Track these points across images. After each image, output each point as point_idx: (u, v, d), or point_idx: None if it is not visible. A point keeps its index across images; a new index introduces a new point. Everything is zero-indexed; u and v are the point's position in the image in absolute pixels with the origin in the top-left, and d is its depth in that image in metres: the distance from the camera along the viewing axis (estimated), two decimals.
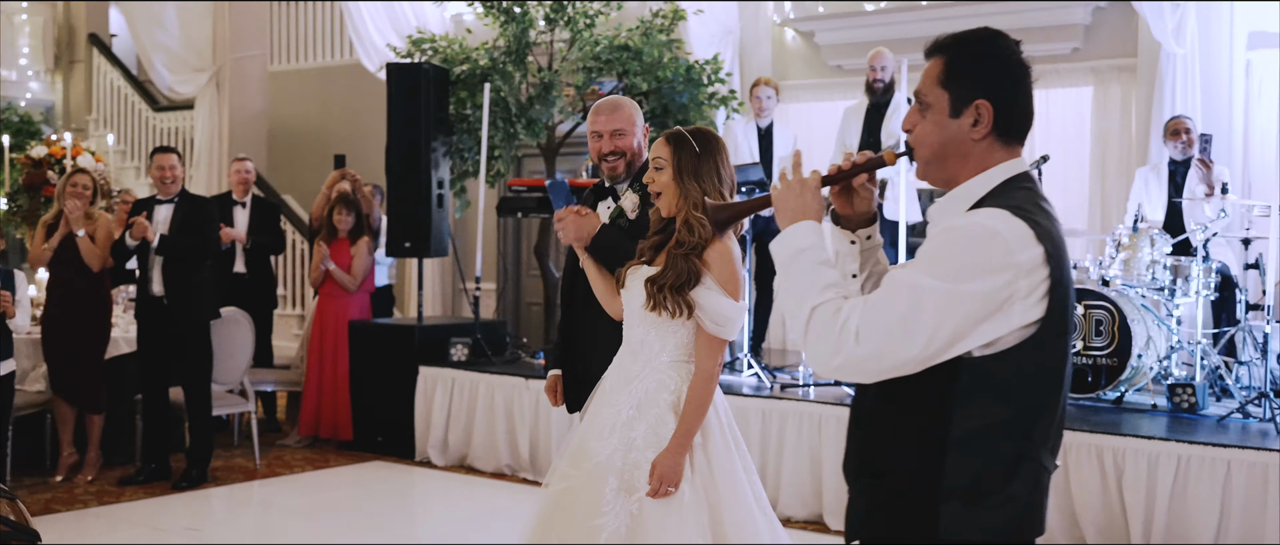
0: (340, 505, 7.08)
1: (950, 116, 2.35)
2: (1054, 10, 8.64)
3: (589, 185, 7.91)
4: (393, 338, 8.38)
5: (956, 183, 2.39)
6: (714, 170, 3.61)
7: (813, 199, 2.47)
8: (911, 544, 2.35)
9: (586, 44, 9.01)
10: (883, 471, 2.39)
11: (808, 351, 2.35)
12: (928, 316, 2.21)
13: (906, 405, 2.33)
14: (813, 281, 2.36)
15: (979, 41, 2.40)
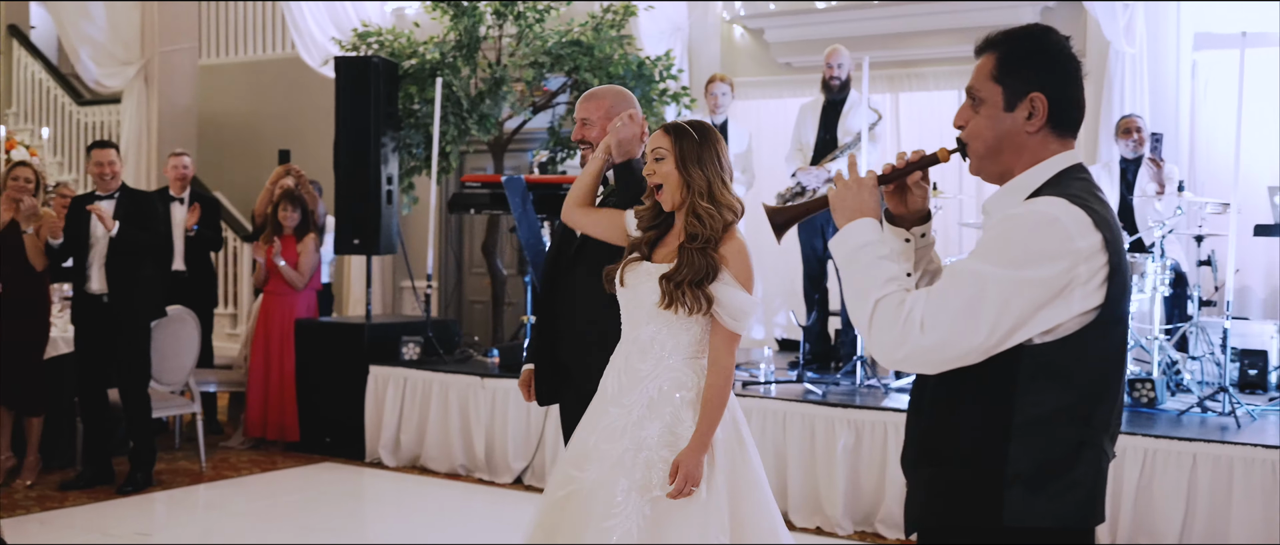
0: (292, 508, 6.92)
1: (1005, 110, 2.38)
2: (1002, 10, 8.68)
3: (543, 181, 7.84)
4: (341, 337, 8.21)
5: (1011, 176, 2.41)
6: (715, 157, 3.56)
7: (869, 197, 2.49)
8: (974, 530, 2.35)
9: (536, 39, 8.91)
10: (945, 460, 2.40)
11: (872, 344, 2.36)
12: (991, 304, 2.22)
13: (968, 394, 2.34)
14: (874, 276, 2.38)
15: (1031, 36, 2.43)
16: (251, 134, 13.11)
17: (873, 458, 6.25)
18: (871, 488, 6.26)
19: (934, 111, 9.20)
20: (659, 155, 3.56)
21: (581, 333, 4.00)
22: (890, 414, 6.25)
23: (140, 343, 7.08)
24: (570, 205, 3.86)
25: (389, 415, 7.87)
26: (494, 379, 7.50)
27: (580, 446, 3.57)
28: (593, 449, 3.50)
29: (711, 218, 3.47)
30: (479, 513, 6.96)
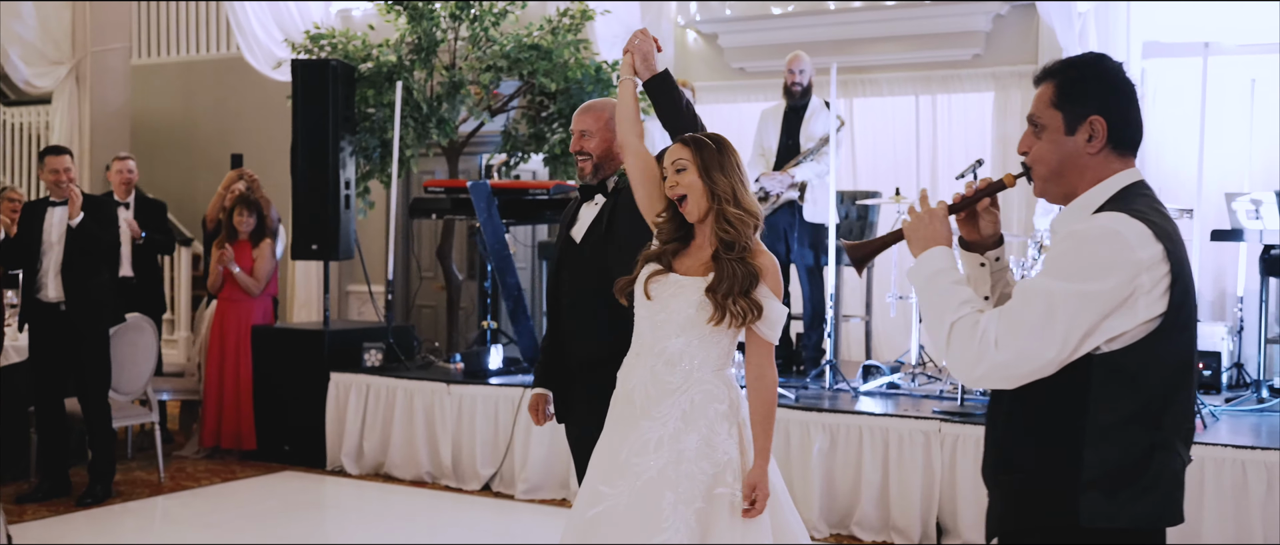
0: (257, 518, 6.82)
1: (1066, 134, 2.51)
2: (955, 17, 8.85)
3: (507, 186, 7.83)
4: (300, 343, 8.10)
5: (1075, 196, 2.54)
6: (735, 165, 3.58)
7: (941, 226, 2.64)
8: (1053, 534, 2.47)
9: (493, 42, 8.87)
10: (1022, 468, 2.52)
11: (950, 363, 2.50)
12: (1061, 317, 2.35)
13: (1042, 404, 2.47)
14: (949, 299, 2.51)
15: (1086, 64, 2.57)
16: (185, 135, 12.87)
17: (848, 461, 6.32)
18: (847, 491, 6.32)
19: (888, 117, 9.32)
20: (680, 166, 3.55)
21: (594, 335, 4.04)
22: (864, 418, 6.33)
23: (101, 351, 6.92)
24: (627, 132, 3.83)
25: (351, 422, 7.78)
26: (459, 386, 7.45)
27: (609, 461, 3.53)
28: (624, 463, 3.47)
29: (742, 223, 3.48)
30: (447, 519, 6.92)
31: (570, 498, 7.04)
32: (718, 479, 3.43)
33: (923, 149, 9.19)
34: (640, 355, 3.59)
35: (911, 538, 6.12)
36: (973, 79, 8.98)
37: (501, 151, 9.34)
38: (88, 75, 12.68)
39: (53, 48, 12.60)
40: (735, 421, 3.50)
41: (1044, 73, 2.58)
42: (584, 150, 4.19)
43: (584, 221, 4.25)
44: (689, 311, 3.48)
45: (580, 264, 4.20)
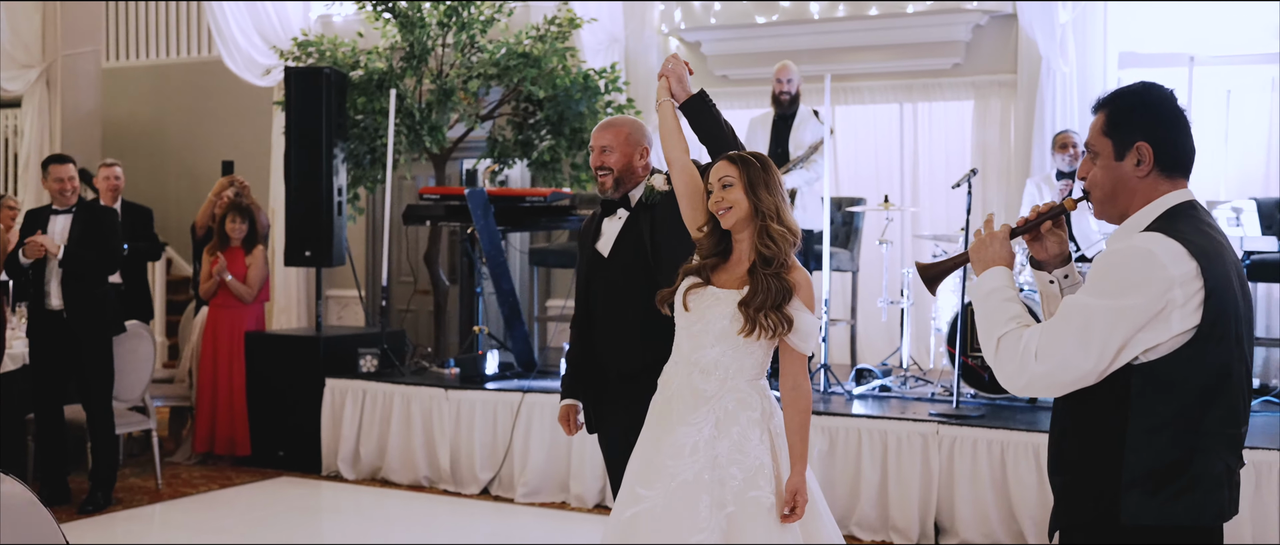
0: (258, 523, 6.87)
1: (1116, 160, 2.71)
2: (936, 27, 9.05)
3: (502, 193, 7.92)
4: (294, 349, 8.14)
5: (1129, 215, 2.72)
6: (778, 184, 3.72)
7: (1001, 248, 2.85)
8: (1098, 530, 2.67)
9: (481, 50, 8.96)
10: (1071, 468, 2.74)
11: (997, 373, 2.72)
12: (1097, 331, 2.55)
13: (1088, 410, 2.67)
14: (999, 316, 2.74)
15: (1132, 94, 2.78)
16: (156, 139, 12.84)
17: (847, 462, 6.47)
18: (846, 492, 6.48)
19: (871, 125, 9.50)
20: (727, 182, 3.68)
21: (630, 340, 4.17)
22: (863, 420, 6.49)
23: (104, 359, 6.95)
24: (673, 148, 3.97)
25: (348, 427, 7.83)
26: (457, 391, 7.53)
27: (646, 464, 3.68)
28: (661, 467, 3.61)
29: (783, 240, 3.62)
30: (446, 522, 7.00)
31: (570, 501, 7.16)
32: (750, 483, 3.56)
33: (905, 156, 9.38)
34: (678, 363, 3.75)
35: (910, 537, 6.29)
36: (953, 87, 9.19)
37: (486, 157, 9.43)
38: (58, 79, 12.59)
39: (23, 51, 12.49)
40: (767, 429, 3.64)
41: (1097, 104, 2.80)
42: (605, 165, 4.29)
43: (609, 235, 4.35)
44: (723, 323, 3.62)
45: (610, 277, 4.31)
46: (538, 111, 9.11)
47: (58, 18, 12.55)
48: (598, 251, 4.37)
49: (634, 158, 4.29)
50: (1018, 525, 6.09)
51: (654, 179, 4.23)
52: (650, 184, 4.24)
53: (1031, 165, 8.54)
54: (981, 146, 9.06)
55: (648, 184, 4.26)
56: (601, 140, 4.29)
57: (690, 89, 4.09)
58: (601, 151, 4.27)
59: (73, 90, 12.69)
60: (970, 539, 6.21)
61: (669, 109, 4.03)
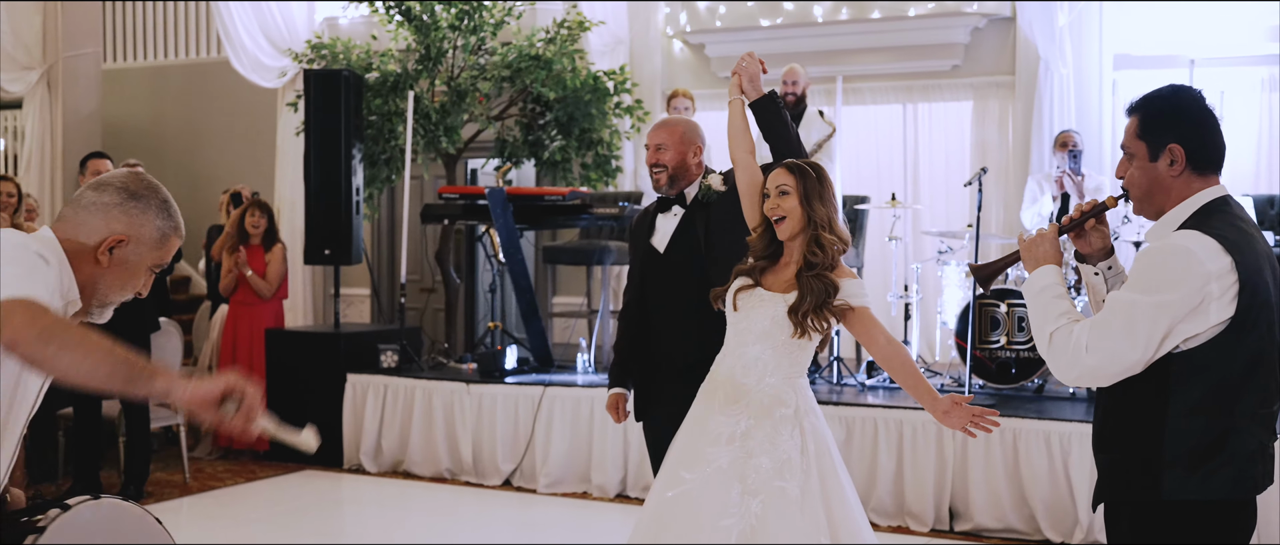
0: (287, 514, 7.05)
1: (1151, 161, 2.92)
2: (936, 30, 9.30)
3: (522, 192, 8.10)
4: (315, 345, 8.32)
5: (1165, 212, 2.94)
6: (831, 194, 3.95)
7: (1051, 247, 3.05)
8: (1140, 504, 2.89)
9: (492, 53, 9.15)
10: (1114, 447, 2.95)
11: (1051, 366, 2.93)
12: (1141, 325, 2.76)
13: (1130, 394, 2.88)
14: (1051, 312, 2.94)
15: (1163, 98, 2.97)
16: (155, 140, 12.94)
17: (863, 451, 6.70)
18: (863, 480, 6.69)
19: (872, 125, 9.74)
20: (783, 190, 3.91)
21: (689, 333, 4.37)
22: (878, 410, 6.72)
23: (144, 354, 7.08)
24: (737, 148, 4.18)
25: (369, 422, 8.01)
26: (478, 385, 7.72)
27: (689, 448, 3.92)
28: (701, 453, 3.86)
29: (832, 248, 3.87)
30: (470, 511, 7.21)
31: (592, 491, 7.37)
32: (777, 473, 3.79)
33: (906, 155, 9.62)
34: (725, 357, 4.00)
35: (925, 524, 6.52)
36: (952, 88, 9.44)
37: (494, 157, 9.61)
38: (59, 80, 12.68)
39: (24, 53, 12.57)
40: (799, 425, 3.87)
41: (1130, 107, 2.99)
42: (660, 163, 4.49)
43: (664, 231, 4.55)
44: (765, 324, 3.88)
45: (666, 272, 4.51)
46: (547, 113, 9.30)
47: (58, 19, 12.64)
48: (653, 247, 4.56)
49: (687, 156, 4.49)
50: (1030, 510, 6.34)
51: (711, 178, 4.44)
52: (707, 183, 4.45)
53: (1030, 164, 8.80)
54: (980, 146, 9.32)
55: (704, 183, 4.47)
56: (657, 139, 4.48)
57: (762, 88, 4.29)
58: (656, 150, 4.46)
59: (73, 92, 12.77)
60: (984, 524, 6.45)
61: (738, 107, 4.23)
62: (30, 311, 2.34)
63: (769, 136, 4.27)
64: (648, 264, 4.58)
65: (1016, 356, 7.21)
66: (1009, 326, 7.22)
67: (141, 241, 2.69)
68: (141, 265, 2.71)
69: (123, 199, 2.69)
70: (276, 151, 11.24)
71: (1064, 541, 6.26)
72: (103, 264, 2.66)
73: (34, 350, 2.32)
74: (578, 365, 8.04)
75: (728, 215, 4.29)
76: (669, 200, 4.55)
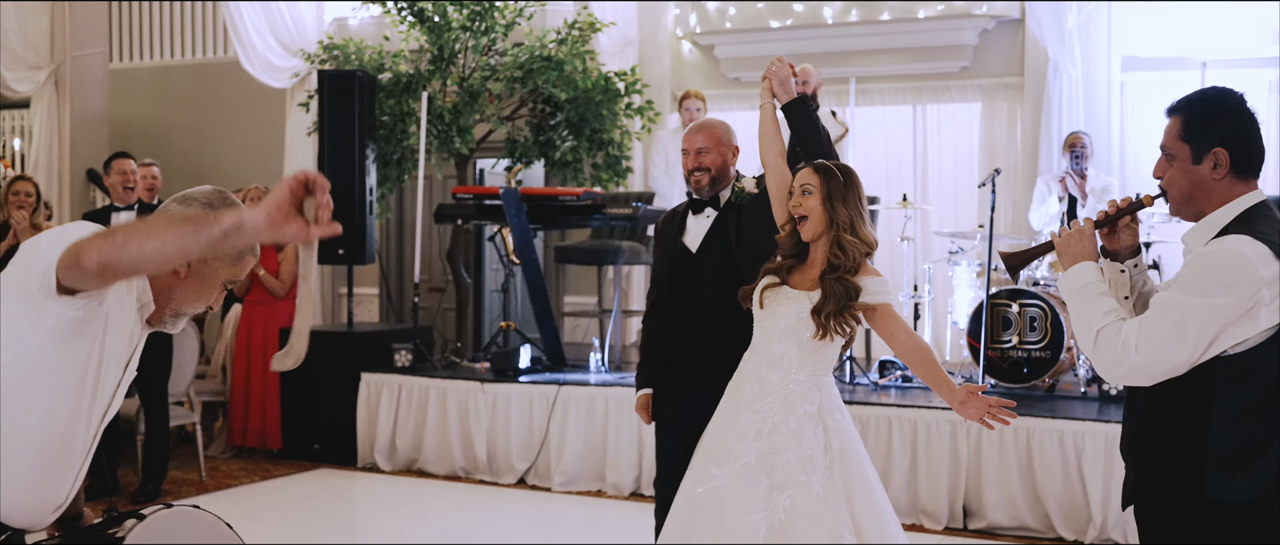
0: (303, 512, 7.09)
1: (1193, 163, 2.92)
2: (944, 32, 9.38)
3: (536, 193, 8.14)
4: (328, 345, 8.34)
5: (1205, 214, 2.95)
6: (858, 198, 4.01)
7: (1089, 243, 3.08)
8: (1181, 505, 2.90)
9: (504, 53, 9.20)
10: (1155, 448, 2.96)
11: (1096, 363, 2.94)
12: (1192, 327, 2.78)
13: (1174, 396, 2.89)
14: (1096, 308, 2.95)
15: (1208, 100, 2.98)
16: (161, 140, 12.97)
17: (878, 449, 6.74)
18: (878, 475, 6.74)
19: (881, 125, 9.80)
20: (807, 189, 3.98)
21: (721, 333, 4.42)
22: (893, 409, 6.77)
23: (165, 354, 7.15)
24: (768, 151, 4.28)
25: (384, 421, 8.05)
26: (493, 384, 7.77)
27: (717, 444, 4.01)
28: (728, 449, 3.94)
29: (854, 250, 3.93)
30: (485, 509, 7.25)
31: (607, 489, 7.42)
32: (801, 469, 3.85)
33: (916, 156, 9.69)
34: (752, 354, 4.07)
35: (939, 522, 6.58)
36: (961, 90, 9.51)
37: (504, 157, 9.66)
38: (67, 80, 12.71)
39: (31, 53, 12.61)
40: (822, 423, 3.94)
41: (1172, 108, 3.00)
42: (703, 166, 4.51)
43: (696, 232, 4.59)
44: (790, 320, 3.95)
45: (698, 273, 4.55)
46: (558, 113, 9.35)
47: (66, 19, 12.68)
48: (685, 247, 4.60)
49: (728, 157, 4.54)
50: (1043, 508, 6.39)
51: (744, 181, 4.49)
52: (741, 186, 4.50)
53: (1039, 165, 8.86)
54: (989, 147, 9.39)
55: (738, 186, 4.51)
56: (698, 142, 4.50)
57: (793, 92, 4.34)
58: (698, 153, 4.49)
59: (80, 91, 12.80)
60: (998, 522, 6.50)
61: (769, 110, 4.29)
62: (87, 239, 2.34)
63: (799, 140, 4.32)
64: (678, 263, 4.61)
65: (1028, 356, 7.26)
66: (1021, 326, 7.27)
67: (220, 257, 2.69)
68: (217, 279, 2.73)
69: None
70: (285, 151, 11.30)
71: (1078, 539, 6.31)
72: (180, 276, 2.69)
73: (112, 254, 2.28)
74: (591, 364, 8.09)
75: (758, 217, 4.35)
76: (701, 202, 4.60)
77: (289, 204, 2.19)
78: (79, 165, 12.46)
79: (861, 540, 3.85)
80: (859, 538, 3.85)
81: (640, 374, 4.74)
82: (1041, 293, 7.27)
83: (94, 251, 2.29)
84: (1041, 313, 7.24)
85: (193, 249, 2.25)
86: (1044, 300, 7.23)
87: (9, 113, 13.19)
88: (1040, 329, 7.23)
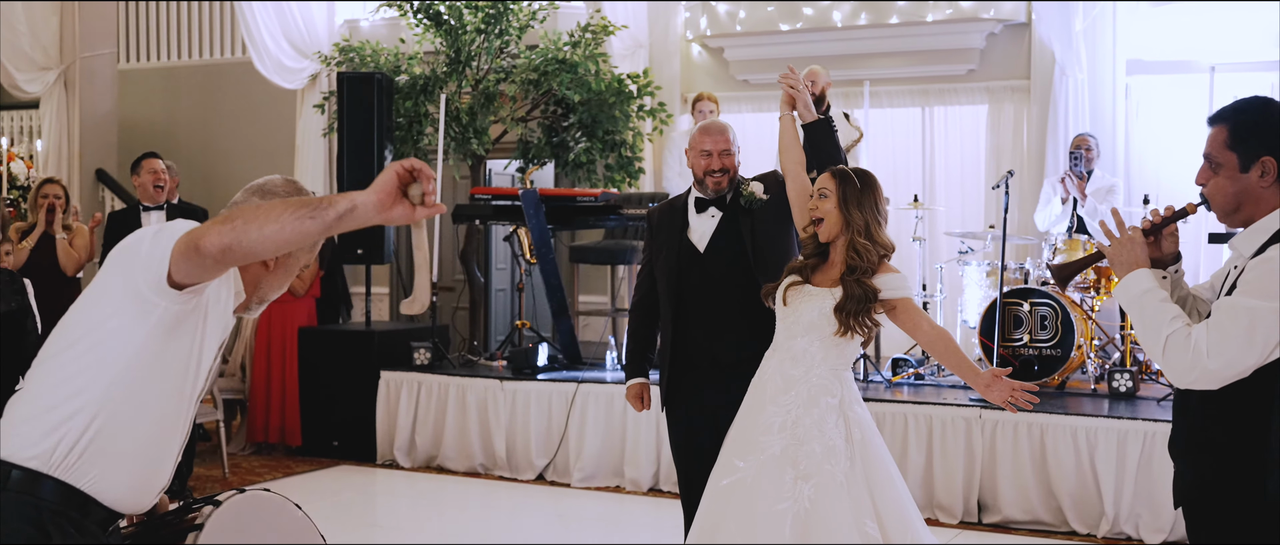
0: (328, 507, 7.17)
1: (1241, 172, 3.00)
2: (952, 35, 9.53)
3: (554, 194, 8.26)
4: (348, 343, 8.47)
5: (1253, 221, 3.03)
6: (873, 202, 4.16)
7: (1140, 250, 3.12)
8: (1242, 505, 2.96)
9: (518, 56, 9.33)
10: (1216, 448, 3.01)
11: (1166, 369, 2.99)
12: (1262, 330, 2.84)
13: (1234, 397, 2.94)
14: (1161, 315, 2.99)
15: (1253, 109, 3.06)
16: (170, 141, 13.04)
17: (894, 445, 6.84)
18: None
19: (890, 127, 9.95)
20: (824, 193, 4.15)
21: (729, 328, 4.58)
22: (908, 406, 6.91)
23: None
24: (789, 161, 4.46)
25: (403, 418, 8.17)
26: (512, 381, 7.89)
27: (743, 438, 4.16)
28: (753, 441, 4.09)
29: (868, 252, 4.08)
30: (505, 504, 7.38)
31: (625, 485, 7.55)
32: (826, 458, 3.99)
33: (924, 157, 9.84)
34: (775, 350, 4.23)
35: (955, 516, 6.72)
36: (968, 92, 9.67)
37: (516, 158, 9.79)
38: (76, 81, 12.79)
39: (41, 53, 12.69)
40: (843, 415, 4.08)
41: (1217, 116, 3.08)
42: (725, 167, 4.65)
43: (702, 231, 4.69)
44: (812, 316, 4.09)
45: (707, 271, 4.67)
46: (570, 115, 9.48)
47: (75, 20, 12.76)
48: (691, 245, 4.71)
49: (737, 158, 4.71)
50: (1057, 503, 6.53)
51: (752, 186, 4.64)
52: (750, 191, 4.63)
53: (1045, 167, 9.01)
54: (995, 149, 9.54)
55: (748, 192, 4.64)
56: (720, 144, 4.64)
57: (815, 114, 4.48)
58: (722, 154, 4.63)
59: (90, 92, 12.88)
60: (1012, 517, 6.64)
61: (789, 122, 4.45)
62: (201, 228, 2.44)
63: (817, 155, 4.46)
64: (685, 262, 4.71)
65: (1039, 354, 7.40)
66: (1032, 324, 7.41)
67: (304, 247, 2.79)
68: (297, 267, 2.86)
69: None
70: (295, 152, 11.41)
71: (1090, 533, 6.46)
72: (269, 267, 2.80)
73: (232, 238, 2.37)
74: (607, 362, 8.21)
75: (771, 221, 4.52)
76: (706, 201, 4.72)
77: (396, 188, 2.36)
78: (88, 166, 12.54)
79: (883, 525, 3.98)
80: (880, 524, 3.97)
81: (631, 364, 4.91)
82: (1051, 291, 7.41)
83: (215, 236, 2.38)
84: (1052, 311, 7.38)
85: (311, 231, 2.35)
86: (1054, 299, 7.37)
87: (19, 113, 13.26)
88: (1051, 327, 7.37)
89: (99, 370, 2.55)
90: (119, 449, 2.59)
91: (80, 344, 2.58)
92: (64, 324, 2.67)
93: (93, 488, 2.58)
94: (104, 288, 2.64)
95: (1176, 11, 8.89)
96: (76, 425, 2.55)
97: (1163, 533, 6.25)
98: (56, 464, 2.54)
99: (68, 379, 2.57)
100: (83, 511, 2.58)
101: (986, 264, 8.00)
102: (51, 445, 2.54)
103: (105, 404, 2.56)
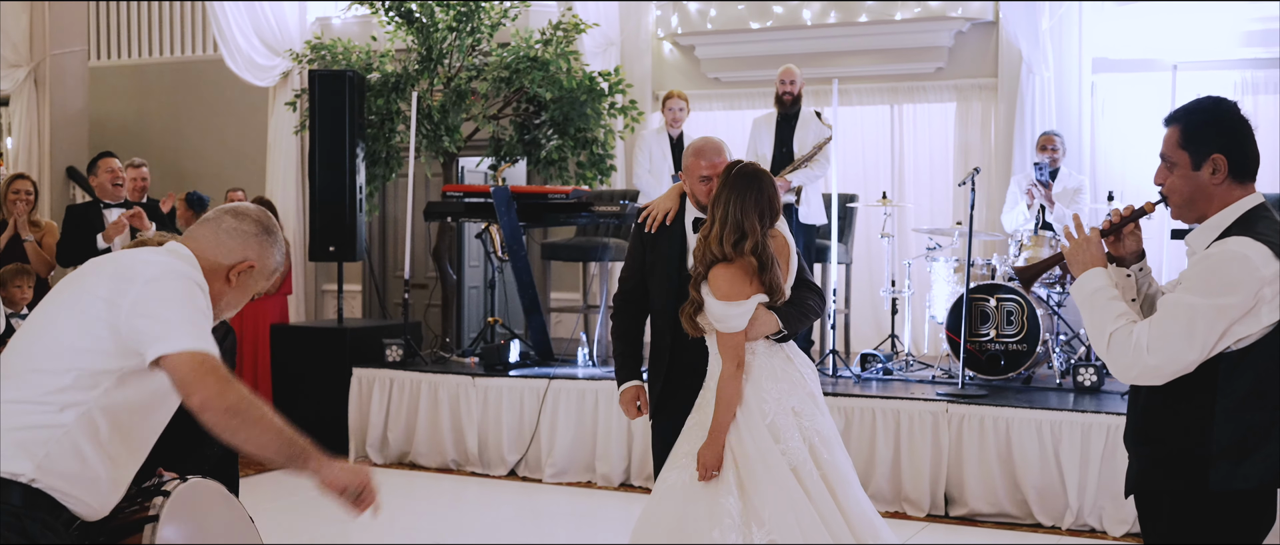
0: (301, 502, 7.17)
1: (1193, 170, 3.09)
2: (920, 34, 9.62)
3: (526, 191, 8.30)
4: (320, 340, 8.49)
5: (1207, 217, 3.12)
6: (756, 202, 4.21)
7: (1097, 250, 3.22)
8: (1186, 495, 3.05)
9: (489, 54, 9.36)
10: (1162, 440, 3.10)
11: (1110, 365, 3.08)
12: (1200, 327, 2.94)
13: (1177, 390, 3.04)
14: (1107, 313, 3.09)
15: (1204, 110, 3.15)
16: (140, 138, 13.02)
17: (862, 439, 6.96)
18: (861, 467, 6.91)
19: (859, 125, 10.03)
20: None
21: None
22: (877, 401, 6.99)
23: None
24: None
25: (375, 415, 8.20)
26: (483, 378, 7.93)
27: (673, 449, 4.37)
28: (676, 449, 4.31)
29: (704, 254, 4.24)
30: (476, 499, 7.43)
31: (596, 480, 7.62)
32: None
33: (893, 155, 9.93)
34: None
35: (922, 509, 6.80)
36: (936, 90, 9.77)
37: (488, 155, 9.82)
38: (46, 78, 12.74)
39: (11, 51, 12.64)
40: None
41: (1171, 117, 3.16)
42: None
43: None
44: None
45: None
46: (542, 112, 9.52)
47: (45, 17, 12.71)
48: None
49: None
50: (1022, 495, 6.62)
51: None
52: None
53: (1012, 164, 9.11)
54: (963, 147, 9.64)
55: None
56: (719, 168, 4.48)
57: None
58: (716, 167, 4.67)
59: (61, 90, 12.82)
60: (978, 509, 6.73)
61: None
62: (219, 379, 2.64)
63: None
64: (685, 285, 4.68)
65: (1006, 349, 7.50)
66: (998, 320, 7.50)
67: (263, 271, 3.02)
68: (253, 290, 3.04)
69: (259, 231, 3.00)
70: (268, 149, 11.41)
71: (1055, 525, 6.55)
72: (231, 283, 2.96)
73: (220, 420, 2.63)
74: (578, 359, 8.26)
75: None
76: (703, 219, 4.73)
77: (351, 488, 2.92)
78: (59, 163, 12.49)
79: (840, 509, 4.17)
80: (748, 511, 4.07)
81: (624, 368, 4.81)
82: (1016, 287, 7.50)
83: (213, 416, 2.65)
84: (1018, 307, 7.48)
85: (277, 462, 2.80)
86: (1020, 295, 7.47)
87: None
88: (1017, 322, 7.47)
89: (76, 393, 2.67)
90: (92, 474, 2.71)
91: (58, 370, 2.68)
92: (40, 334, 2.76)
93: (63, 499, 2.68)
94: (86, 312, 2.73)
95: (1141, 11, 9.00)
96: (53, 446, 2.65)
97: (1125, 524, 6.34)
98: (29, 478, 2.63)
99: (43, 399, 2.66)
100: (53, 513, 2.67)
101: (954, 260, 8.08)
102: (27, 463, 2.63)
103: (81, 427, 2.66)
